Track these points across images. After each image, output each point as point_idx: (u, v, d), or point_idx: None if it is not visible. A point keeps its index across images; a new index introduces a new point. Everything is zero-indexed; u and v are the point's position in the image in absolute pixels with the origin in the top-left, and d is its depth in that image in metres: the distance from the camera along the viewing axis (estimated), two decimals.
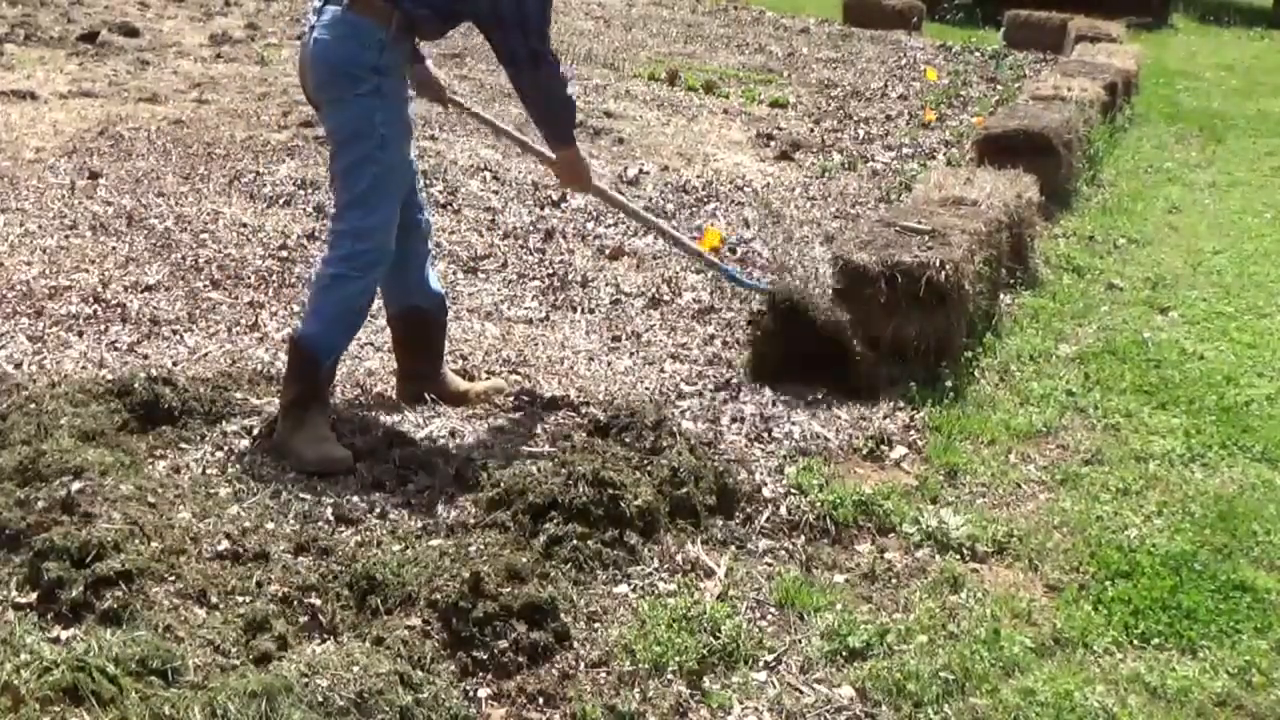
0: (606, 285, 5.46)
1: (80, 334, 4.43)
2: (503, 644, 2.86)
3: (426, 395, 4.08)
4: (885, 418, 4.37)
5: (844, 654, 3.05)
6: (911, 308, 4.71)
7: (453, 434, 3.91)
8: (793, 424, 4.24)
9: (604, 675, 2.88)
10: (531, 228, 6.13)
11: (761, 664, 3.00)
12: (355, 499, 3.46)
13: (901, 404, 4.48)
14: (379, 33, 3.48)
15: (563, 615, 2.98)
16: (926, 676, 2.95)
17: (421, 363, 4.06)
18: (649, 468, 3.60)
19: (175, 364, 4.24)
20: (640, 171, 7.37)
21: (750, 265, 5.92)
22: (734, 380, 4.54)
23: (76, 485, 3.14)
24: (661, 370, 4.63)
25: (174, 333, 4.52)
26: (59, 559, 2.85)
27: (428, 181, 6.57)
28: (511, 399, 4.22)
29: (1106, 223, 7.47)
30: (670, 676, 2.89)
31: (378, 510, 3.41)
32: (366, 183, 3.56)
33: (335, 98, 3.58)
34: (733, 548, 3.48)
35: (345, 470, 3.56)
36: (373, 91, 3.51)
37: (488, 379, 4.33)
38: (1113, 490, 4.05)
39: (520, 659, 2.86)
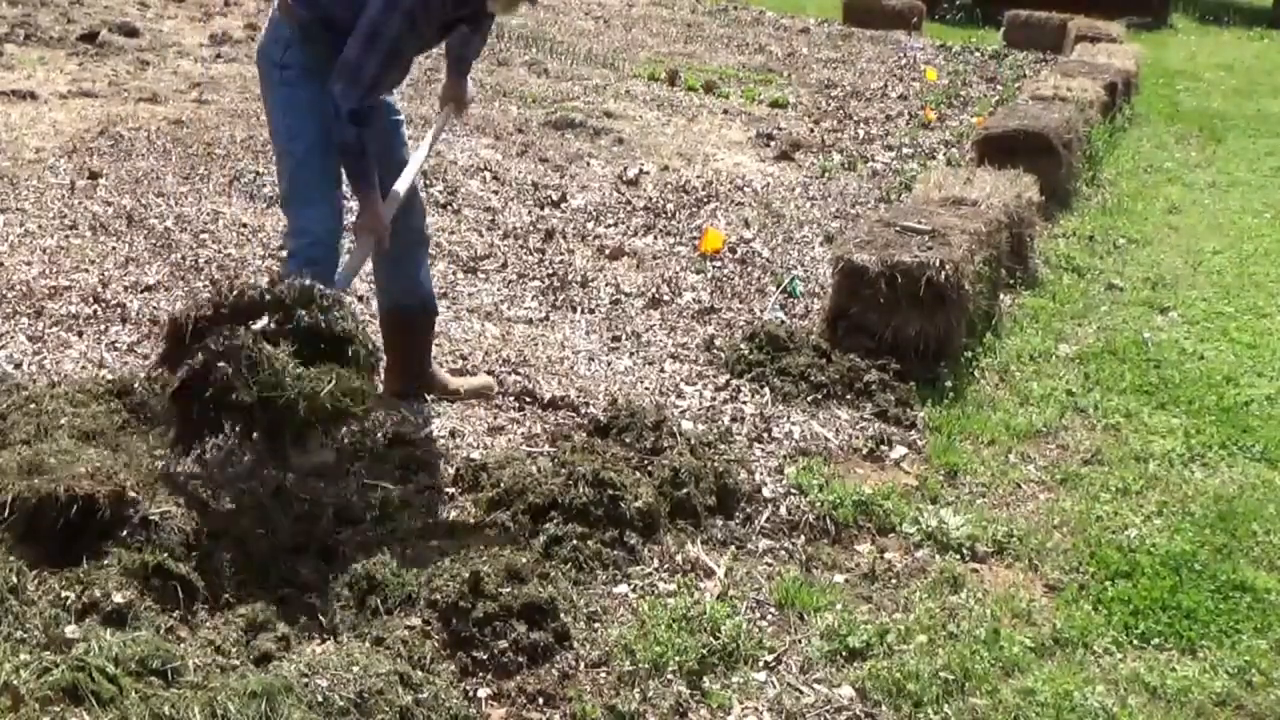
0: (606, 285, 5.46)
1: (80, 334, 4.43)
2: (503, 644, 2.86)
3: (426, 395, 4.08)
4: (885, 418, 4.38)
5: (844, 654, 3.05)
6: (911, 308, 4.71)
7: (453, 434, 3.91)
8: (793, 424, 4.24)
9: (604, 675, 2.88)
10: (531, 228, 6.13)
11: (761, 664, 3.00)
12: (355, 499, 3.46)
13: (901, 404, 4.47)
14: (285, 30, 3.57)
15: (563, 615, 2.98)
16: (926, 676, 2.95)
17: (407, 359, 4.09)
18: (649, 468, 3.60)
19: None
20: (640, 171, 7.37)
21: (750, 265, 5.93)
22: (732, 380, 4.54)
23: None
24: (661, 370, 4.63)
25: None
26: None
27: (427, 181, 6.57)
28: (512, 399, 4.22)
29: (1106, 223, 7.47)
30: (670, 676, 2.89)
31: (378, 510, 3.41)
32: (285, 178, 3.65)
33: (261, 93, 3.69)
34: (733, 548, 3.48)
35: (337, 475, 3.56)
36: (279, 84, 3.58)
37: (477, 376, 4.32)
38: (1113, 490, 4.05)
39: (520, 659, 2.86)
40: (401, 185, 3.73)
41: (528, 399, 4.24)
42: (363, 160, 3.54)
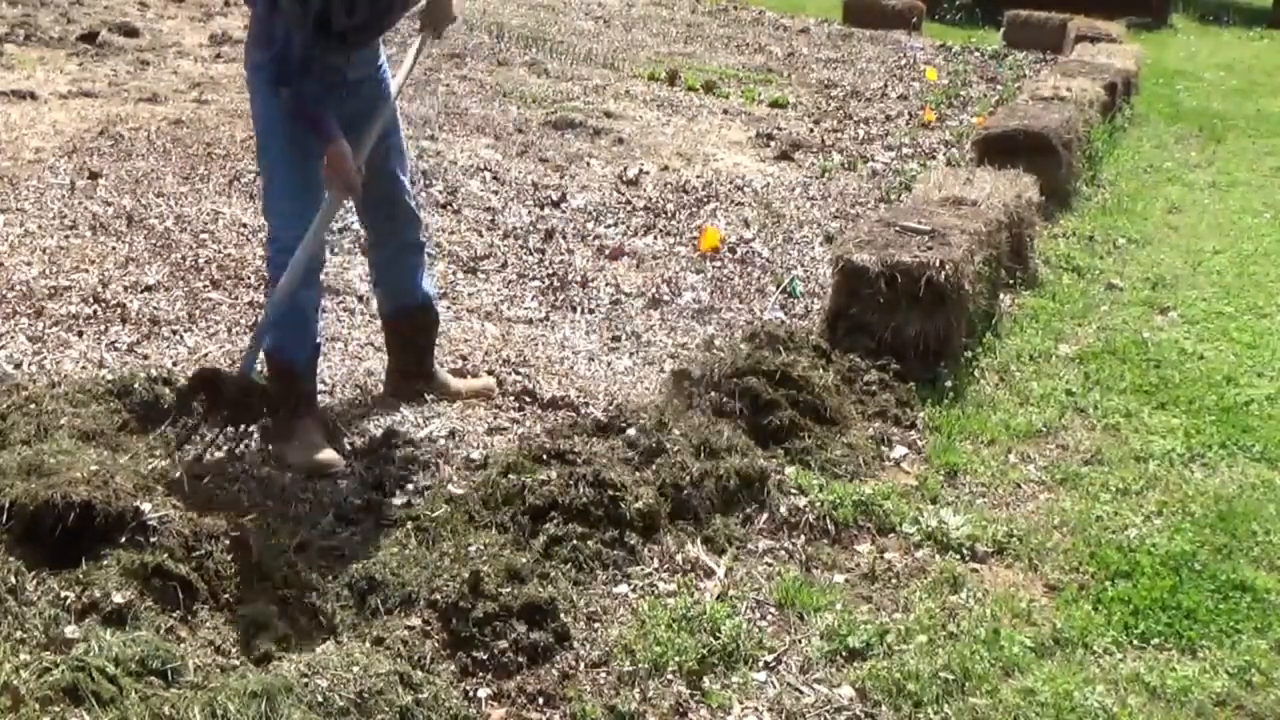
0: (606, 285, 5.46)
1: (80, 334, 4.43)
2: (503, 644, 2.86)
3: (425, 395, 4.08)
4: (885, 417, 4.37)
5: (844, 654, 3.05)
6: (911, 308, 4.71)
7: (453, 434, 3.91)
8: None
9: (604, 675, 2.88)
10: (531, 228, 6.13)
11: (761, 664, 3.00)
12: (355, 499, 3.46)
13: (901, 404, 4.47)
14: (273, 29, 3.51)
15: (563, 615, 2.98)
16: (926, 676, 2.95)
17: (411, 361, 4.10)
18: (650, 469, 3.59)
19: (175, 364, 4.23)
20: (640, 171, 7.37)
21: (750, 265, 5.93)
22: None
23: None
24: (661, 370, 4.63)
25: (174, 333, 4.52)
26: None
27: (428, 181, 6.58)
28: (512, 399, 4.22)
29: (1106, 223, 7.47)
30: (670, 676, 2.89)
31: (378, 510, 3.41)
32: (263, 179, 3.64)
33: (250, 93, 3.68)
34: (733, 548, 3.48)
35: (335, 474, 3.56)
36: (265, 83, 3.53)
37: (479, 378, 4.33)
38: (1113, 490, 4.05)
39: (520, 659, 2.86)
40: (375, 127, 3.67)
41: (528, 399, 4.24)
42: (305, 115, 3.48)
